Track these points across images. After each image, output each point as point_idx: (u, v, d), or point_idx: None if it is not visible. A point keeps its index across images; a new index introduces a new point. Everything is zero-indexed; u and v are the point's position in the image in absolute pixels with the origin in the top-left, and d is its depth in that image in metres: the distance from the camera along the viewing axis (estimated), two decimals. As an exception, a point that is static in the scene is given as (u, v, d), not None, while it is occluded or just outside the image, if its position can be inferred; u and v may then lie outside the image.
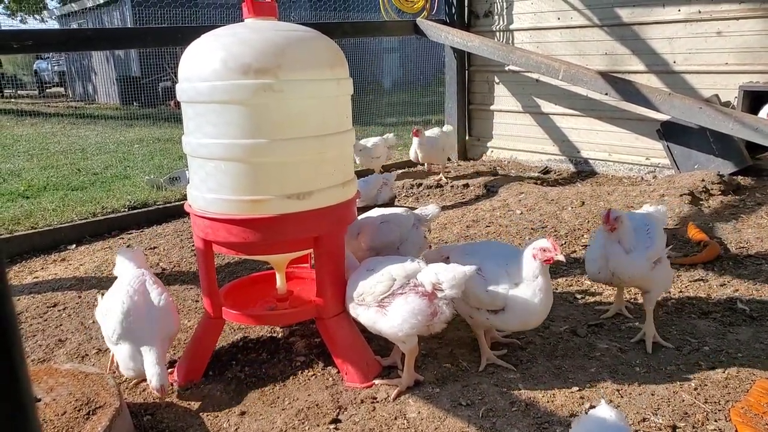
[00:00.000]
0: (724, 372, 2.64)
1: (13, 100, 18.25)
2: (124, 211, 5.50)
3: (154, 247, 4.76)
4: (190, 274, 4.17)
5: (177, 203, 5.67)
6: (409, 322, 2.42)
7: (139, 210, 5.55)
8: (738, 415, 2.30)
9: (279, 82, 2.36)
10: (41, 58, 22.64)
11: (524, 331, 2.99)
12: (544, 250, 2.47)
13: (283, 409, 2.54)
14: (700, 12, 5.59)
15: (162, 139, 10.16)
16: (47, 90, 21.93)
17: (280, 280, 2.99)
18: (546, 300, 2.52)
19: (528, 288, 2.51)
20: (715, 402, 2.44)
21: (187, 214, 2.77)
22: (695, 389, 2.52)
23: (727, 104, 5.41)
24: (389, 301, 2.46)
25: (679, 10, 5.71)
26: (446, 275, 2.39)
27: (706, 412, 2.37)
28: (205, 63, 2.40)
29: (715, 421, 2.32)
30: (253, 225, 2.51)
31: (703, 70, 5.71)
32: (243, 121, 2.39)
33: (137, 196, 5.91)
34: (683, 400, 2.45)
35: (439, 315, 2.44)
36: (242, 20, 2.64)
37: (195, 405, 2.61)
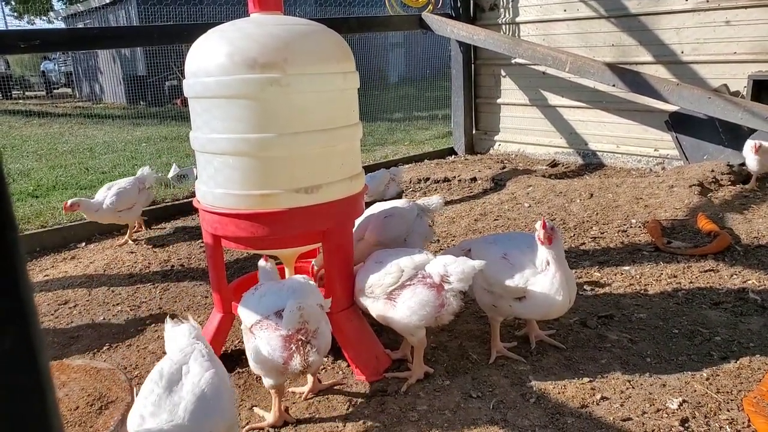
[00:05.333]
0: (736, 362, 2.62)
1: (21, 101, 18.36)
2: (133, 209, 5.52)
3: (163, 244, 4.78)
4: (199, 270, 4.19)
5: (185, 200, 5.69)
6: (418, 313, 2.43)
7: (148, 208, 5.56)
8: (751, 404, 2.28)
9: (285, 76, 2.36)
10: (48, 59, 22.74)
11: (549, 320, 2.98)
12: (536, 231, 2.52)
13: (293, 403, 2.55)
14: (708, 1, 5.53)
15: (169, 138, 10.20)
16: (54, 91, 22.02)
17: (289, 275, 3.00)
18: (567, 288, 2.52)
19: (546, 276, 2.52)
20: (728, 392, 2.42)
21: (196, 210, 2.78)
22: (707, 379, 2.51)
23: (736, 94, 5.36)
24: (398, 293, 2.46)
25: (687, 0, 5.66)
26: (455, 268, 2.39)
27: (718, 402, 2.36)
28: (211, 58, 2.40)
29: (728, 410, 2.30)
30: (261, 219, 2.52)
31: (711, 60, 5.65)
32: (250, 115, 2.39)
33: (146, 194, 5.93)
34: (695, 390, 2.43)
35: (446, 306, 2.44)
36: (248, 15, 2.64)
37: (206, 399, 2.62)
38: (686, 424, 2.24)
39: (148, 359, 3.01)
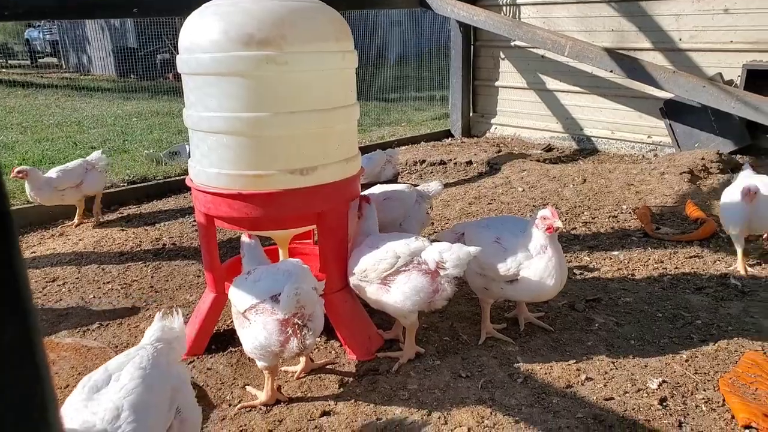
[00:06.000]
0: (714, 344, 2.69)
1: (3, 70, 17.82)
2: (123, 186, 5.49)
3: (154, 223, 4.77)
4: (191, 249, 4.20)
5: (177, 178, 5.66)
6: (412, 299, 2.45)
7: (139, 185, 5.54)
8: (726, 385, 2.35)
9: (282, 54, 2.34)
10: (32, 27, 22.13)
11: (538, 303, 3.03)
12: (544, 218, 2.52)
13: (285, 382, 2.59)
14: (707, -12, 5.52)
15: (161, 113, 10.09)
16: (39, 60, 21.40)
17: (283, 256, 3.01)
18: (559, 271, 2.56)
19: (540, 259, 2.55)
20: (705, 373, 2.49)
21: (188, 189, 2.77)
22: (686, 361, 2.58)
23: (730, 83, 5.38)
24: (392, 278, 2.48)
25: (686, -14, 5.64)
26: (450, 254, 2.41)
27: (696, 382, 2.43)
28: (206, 34, 2.38)
29: (704, 390, 2.38)
30: (255, 200, 2.52)
31: (708, 48, 5.66)
32: (245, 93, 2.38)
33: (136, 171, 5.89)
34: (674, 371, 2.50)
35: (440, 292, 2.48)
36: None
37: (199, 378, 2.65)
38: (664, 403, 2.31)
39: (139, 338, 3.00)
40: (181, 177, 5.58)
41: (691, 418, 2.22)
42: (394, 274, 2.47)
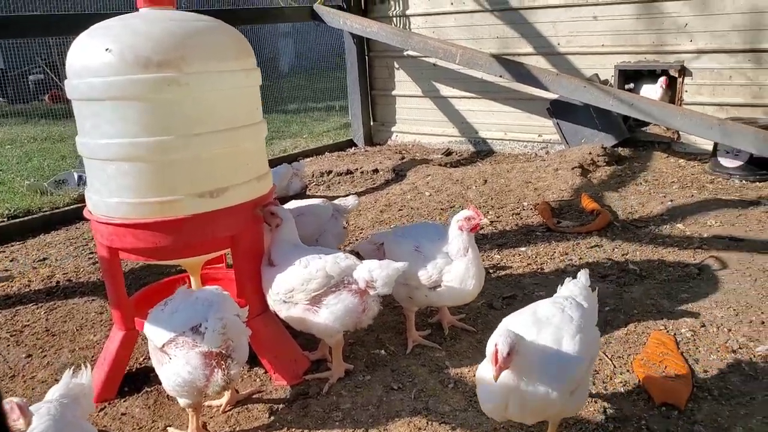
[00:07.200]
0: (624, 328, 2.90)
1: None
2: (3, 221, 4.98)
3: (44, 259, 4.36)
4: (89, 285, 3.87)
5: (66, 208, 5.21)
6: (341, 320, 2.41)
7: (22, 219, 5.04)
8: (639, 365, 2.54)
9: (183, 75, 2.24)
10: None
11: (461, 306, 3.08)
12: (469, 219, 2.57)
13: (211, 417, 2.45)
14: (578, -4, 5.98)
15: (39, 138, 9.26)
16: None
17: (195, 284, 2.86)
18: (478, 272, 2.63)
19: (461, 262, 2.60)
20: (619, 356, 2.67)
21: (80, 219, 2.57)
22: (601, 347, 2.74)
23: (605, 82, 5.86)
24: (321, 299, 2.42)
25: (560, -5, 6.07)
26: (380, 273, 2.39)
27: (613, 366, 2.60)
28: (98, 57, 2.21)
29: (621, 373, 2.54)
30: (163, 228, 2.38)
31: (583, 52, 6.12)
32: (146, 117, 2.25)
33: (17, 204, 5.36)
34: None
35: (368, 311, 2.47)
36: (136, 10, 2.46)
37: (113, 425, 2.45)
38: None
39: (38, 390, 2.74)
40: (71, 207, 5.15)
41: (613, 402, 2.36)
42: (324, 295, 2.42)
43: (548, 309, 2.00)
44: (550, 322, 1.94)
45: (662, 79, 5.73)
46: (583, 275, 2.28)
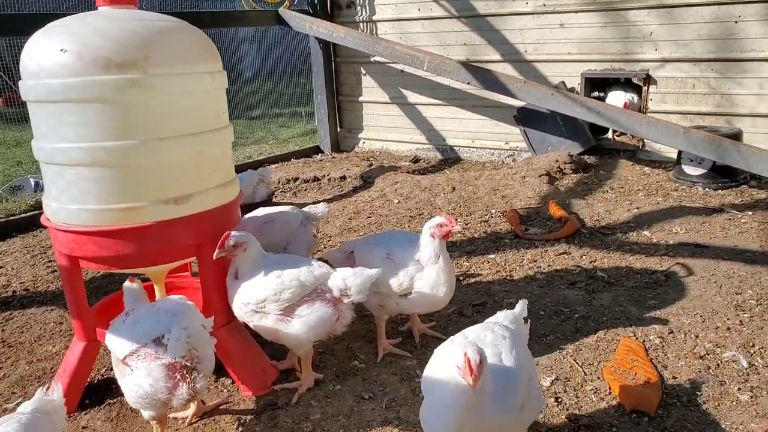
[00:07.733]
0: (594, 335, 2.92)
1: None
2: (-46, 229, 4.74)
3: (0, 267, 4.17)
4: (48, 294, 3.71)
5: (23, 215, 4.98)
6: (315, 330, 2.37)
7: (-26, 226, 4.81)
8: (610, 372, 2.56)
9: (147, 77, 2.16)
10: None
11: (432, 313, 3.05)
12: (441, 226, 2.55)
13: (176, 430, 2.37)
14: (545, 5, 6.07)
15: (-9, 143, 8.91)
16: None
17: (159, 293, 2.77)
18: (450, 279, 2.61)
19: (432, 269, 2.57)
20: (590, 364, 2.69)
21: (37, 226, 2.46)
22: (572, 355, 2.76)
23: (572, 90, 5.96)
24: (294, 308, 2.36)
25: (527, 3, 6.15)
26: (354, 280, 2.36)
27: (584, 374, 2.61)
28: (55, 57, 2.12)
29: (592, 381, 2.56)
30: (126, 236, 2.29)
31: (550, 59, 6.22)
32: (108, 121, 2.16)
33: (-31, 210, 5.12)
34: (562, 367, 2.66)
35: (341, 320, 2.42)
36: (95, 9, 2.36)
37: (72, 440, 2.34)
38: (559, 399, 2.44)
39: (-7, 408, 2.61)
40: (28, 214, 4.94)
41: (585, 410, 2.37)
42: (297, 304, 2.36)
43: (478, 331, 1.98)
44: (485, 341, 1.91)
45: (624, 102, 5.71)
46: (519, 305, 2.24)
